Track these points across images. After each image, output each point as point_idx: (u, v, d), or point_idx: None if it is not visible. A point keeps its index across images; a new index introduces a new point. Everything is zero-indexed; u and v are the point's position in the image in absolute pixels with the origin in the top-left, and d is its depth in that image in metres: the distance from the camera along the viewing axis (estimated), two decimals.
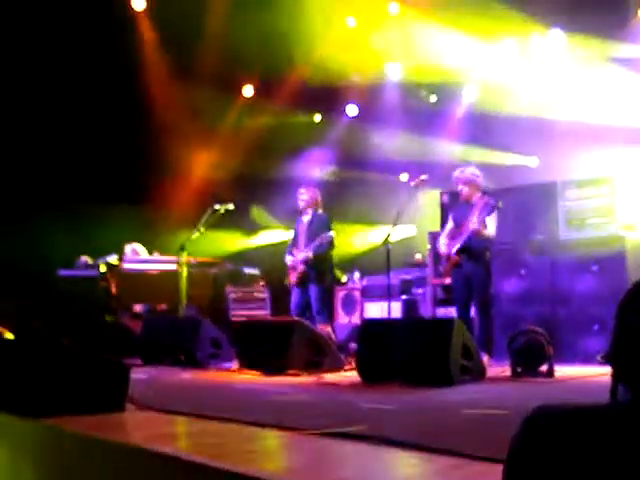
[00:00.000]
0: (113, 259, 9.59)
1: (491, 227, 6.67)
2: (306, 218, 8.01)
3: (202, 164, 11.93)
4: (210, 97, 11.16)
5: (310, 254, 7.65)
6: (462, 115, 11.92)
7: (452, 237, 6.97)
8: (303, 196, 8.00)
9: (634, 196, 7.43)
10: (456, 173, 7.03)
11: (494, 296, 7.08)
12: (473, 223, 6.59)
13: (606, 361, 4.05)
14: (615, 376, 2.24)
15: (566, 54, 10.43)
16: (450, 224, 7.13)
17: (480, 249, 6.72)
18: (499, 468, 2.13)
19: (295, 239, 8.07)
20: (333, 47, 11.07)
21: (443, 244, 7.05)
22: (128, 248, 9.81)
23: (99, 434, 2.86)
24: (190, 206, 10.66)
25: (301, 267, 7.75)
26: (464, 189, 6.94)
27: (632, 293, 2.21)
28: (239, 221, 11.51)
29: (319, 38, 10.95)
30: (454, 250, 6.82)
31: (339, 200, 11.80)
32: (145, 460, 2.53)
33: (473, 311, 6.95)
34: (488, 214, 6.59)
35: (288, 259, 7.98)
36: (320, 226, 7.81)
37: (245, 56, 10.82)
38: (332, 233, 7.65)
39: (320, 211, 8.01)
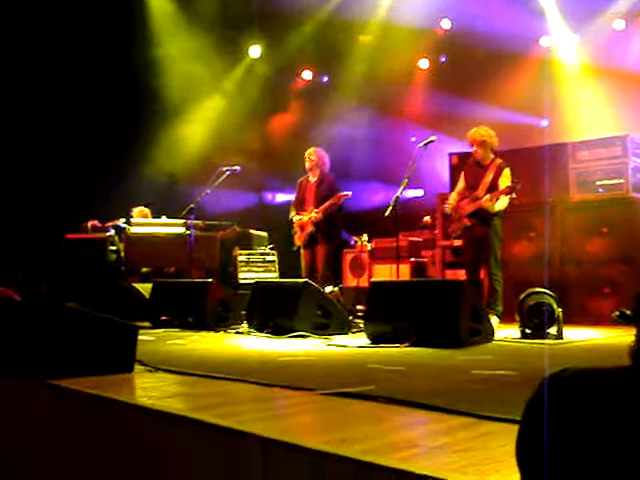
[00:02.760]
0: (121, 222, 9.59)
1: (503, 203, 6.61)
2: (313, 179, 7.95)
3: (208, 128, 11.86)
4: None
5: (320, 215, 7.60)
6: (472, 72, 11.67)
7: (463, 197, 6.92)
8: (312, 156, 7.94)
9: None
10: (470, 133, 6.93)
11: (504, 258, 7.04)
12: (486, 200, 6.55)
13: (623, 319, 3.99)
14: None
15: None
16: (461, 183, 7.06)
17: (491, 214, 6.68)
18: (508, 427, 2.12)
19: (300, 199, 8.00)
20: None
21: (453, 199, 7.01)
22: (135, 211, 9.81)
23: (104, 393, 2.86)
24: (197, 168, 10.63)
25: (310, 228, 7.70)
26: (478, 150, 6.85)
27: None
28: (247, 182, 11.45)
29: None
30: (465, 214, 6.78)
31: (349, 160, 11.70)
32: (150, 420, 2.52)
33: (483, 273, 6.92)
34: (506, 194, 6.52)
35: (295, 218, 7.91)
36: (331, 187, 7.77)
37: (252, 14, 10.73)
38: (348, 193, 7.61)
39: (327, 172, 7.96)
